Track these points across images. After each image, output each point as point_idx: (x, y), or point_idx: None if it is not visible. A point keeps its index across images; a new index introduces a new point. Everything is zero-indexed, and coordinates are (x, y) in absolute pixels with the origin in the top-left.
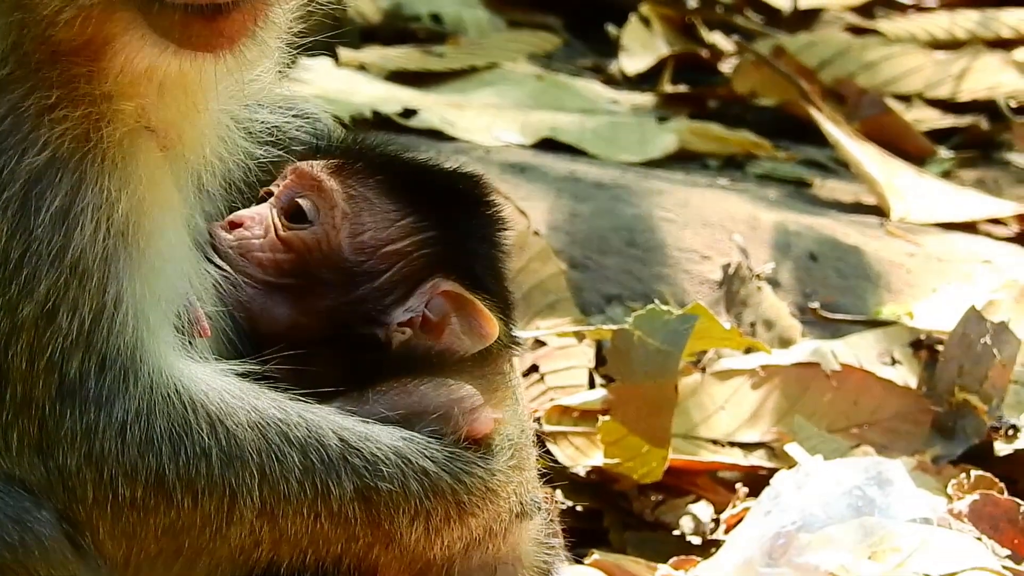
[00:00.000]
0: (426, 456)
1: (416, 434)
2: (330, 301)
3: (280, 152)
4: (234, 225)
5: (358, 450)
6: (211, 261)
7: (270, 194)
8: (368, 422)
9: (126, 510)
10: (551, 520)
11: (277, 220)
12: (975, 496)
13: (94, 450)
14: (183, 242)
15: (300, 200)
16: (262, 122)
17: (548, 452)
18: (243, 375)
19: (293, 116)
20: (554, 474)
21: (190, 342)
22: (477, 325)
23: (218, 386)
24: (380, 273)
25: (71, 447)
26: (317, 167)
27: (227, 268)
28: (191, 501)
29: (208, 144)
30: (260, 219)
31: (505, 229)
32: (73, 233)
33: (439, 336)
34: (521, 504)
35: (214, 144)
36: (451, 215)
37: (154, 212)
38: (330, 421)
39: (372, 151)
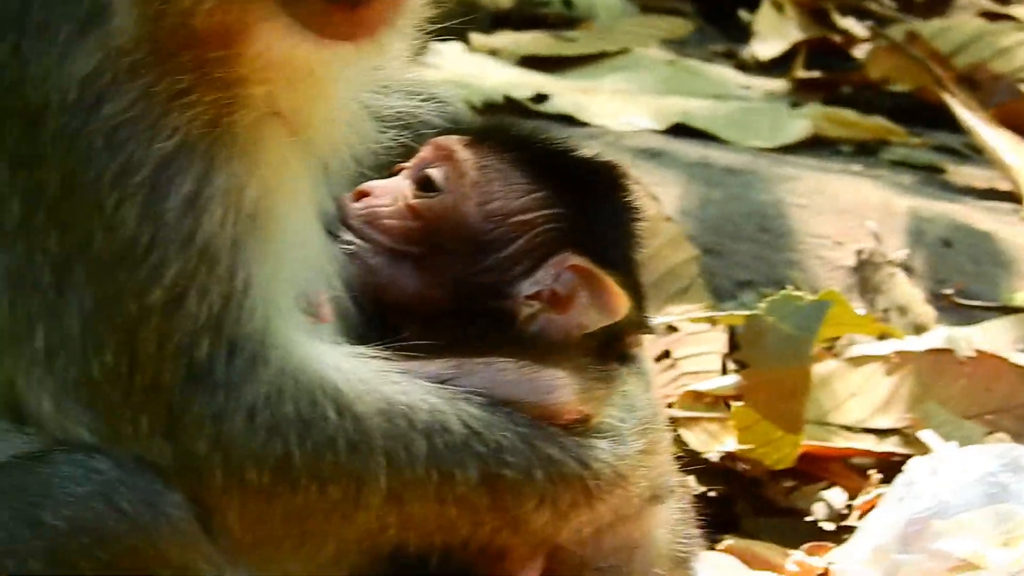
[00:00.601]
0: (551, 442)
1: (539, 421)
2: (457, 271)
3: (410, 136)
4: (362, 195)
5: (482, 436)
6: (336, 235)
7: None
8: (491, 407)
9: (253, 495)
10: (687, 508)
11: (407, 189)
12: None
13: (222, 435)
14: (311, 227)
15: (431, 169)
16: (392, 107)
17: (680, 438)
18: (367, 358)
19: (423, 101)
20: (687, 460)
21: (314, 327)
22: (606, 300)
23: (345, 369)
24: (508, 243)
25: (199, 432)
26: (452, 139)
27: (353, 239)
28: (318, 487)
29: (337, 130)
30: (390, 189)
31: (639, 217)
32: (202, 218)
33: (566, 310)
34: (653, 488)
35: (343, 130)
36: (584, 195)
37: (282, 197)
38: (455, 406)
39: (507, 129)
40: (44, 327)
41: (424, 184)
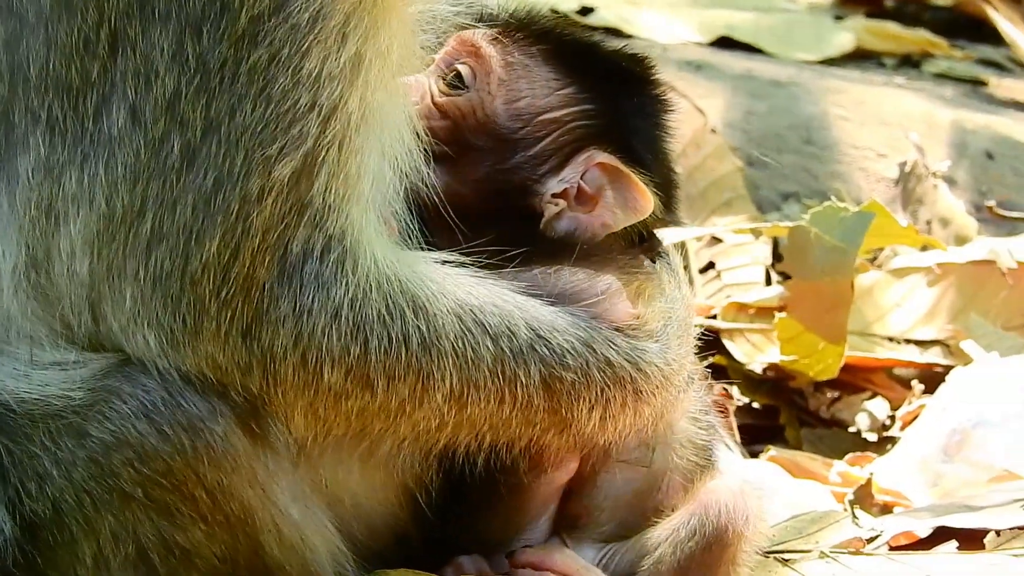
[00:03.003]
0: (610, 345)
1: (599, 323)
2: (485, 169)
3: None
4: None
5: (546, 340)
6: None
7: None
8: (555, 311)
9: (324, 393)
10: (708, 396)
11: (433, 87)
12: None
13: (304, 333)
14: (404, 127)
15: (458, 66)
16: (437, 12)
17: (725, 349)
18: (440, 263)
19: (466, 7)
20: (731, 371)
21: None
22: (631, 198)
23: (421, 272)
24: (535, 142)
25: (280, 329)
26: (477, 34)
27: None
28: (387, 384)
29: (413, 31)
30: (417, 86)
31: (668, 110)
32: (349, 90)
33: (593, 208)
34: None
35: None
36: (612, 89)
37: (398, 83)
38: (521, 308)
39: (535, 22)
40: (154, 215)
41: (451, 82)
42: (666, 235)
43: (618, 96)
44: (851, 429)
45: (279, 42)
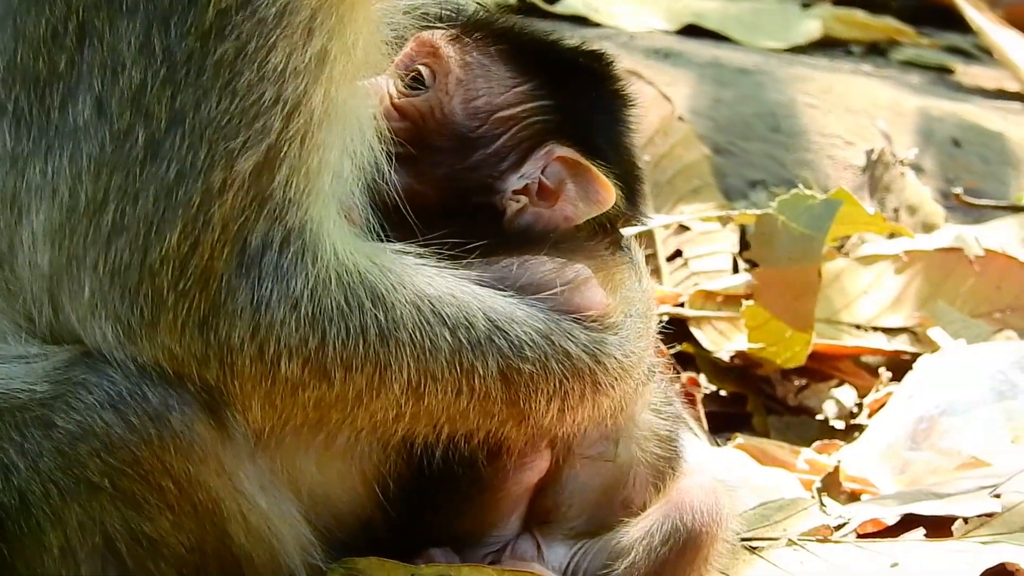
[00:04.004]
0: (568, 337)
1: (560, 315)
2: (445, 169)
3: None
4: None
5: (504, 331)
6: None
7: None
8: (515, 302)
9: (282, 385)
10: (671, 387)
11: (392, 88)
12: None
13: (262, 324)
14: (364, 123)
15: (417, 67)
16: (398, 10)
17: (692, 337)
18: (400, 253)
19: (429, 5)
20: (698, 359)
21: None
22: (593, 190)
23: (380, 263)
24: (494, 139)
25: (238, 321)
26: (436, 35)
27: None
28: (344, 376)
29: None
30: (376, 88)
31: (629, 104)
32: (314, 86)
33: (554, 203)
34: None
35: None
36: (569, 85)
37: (362, 79)
38: (480, 299)
39: (494, 22)
40: (115, 207)
41: (408, 82)
42: (629, 227)
43: (576, 91)
44: (818, 417)
45: (246, 36)
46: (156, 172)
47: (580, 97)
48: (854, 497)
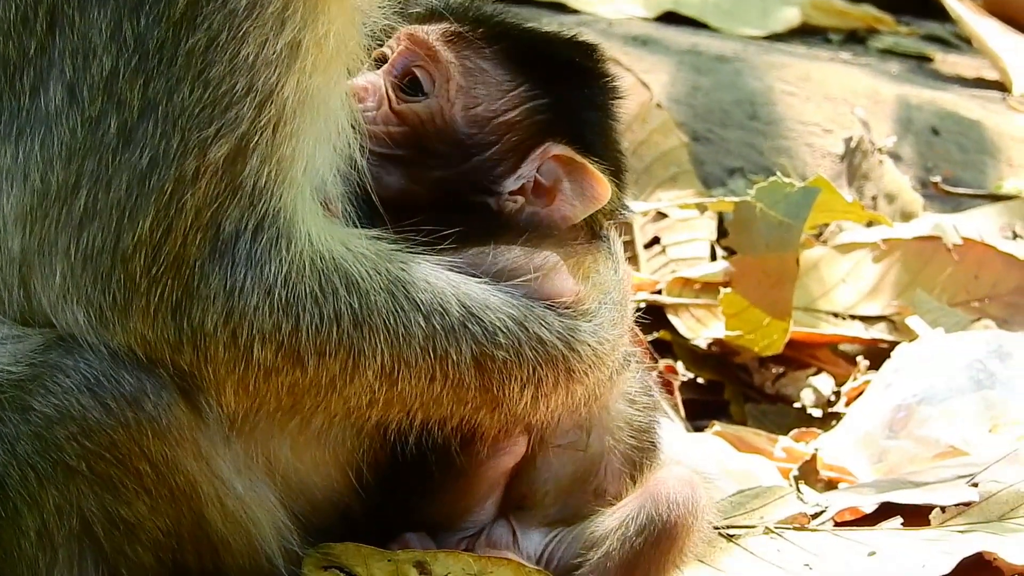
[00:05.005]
0: (542, 324)
1: (533, 302)
2: (441, 172)
3: (399, 19)
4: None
5: (478, 317)
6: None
7: (382, 58)
8: (488, 289)
9: (255, 370)
10: (647, 377)
11: (391, 92)
12: None
13: (235, 310)
14: (340, 112)
15: (415, 71)
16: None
17: (670, 324)
18: (375, 240)
19: None
20: (675, 346)
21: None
22: (589, 188)
23: (355, 249)
24: (492, 144)
25: (211, 306)
26: (432, 34)
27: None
28: (317, 361)
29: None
30: (373, 90)
31: (617, 97)
32: (286, 75)
33: (551, 201)
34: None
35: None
36: (564, 83)
37: (334, 72)
38: (454, 286)
39: (488, 18)
40: (87, 192)
41: (408, 87)
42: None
43: (570, 90)
44: (796, 405)
45: (217, 27)
46: (129, 159)
47: (574, 94)
48: (831, 485)
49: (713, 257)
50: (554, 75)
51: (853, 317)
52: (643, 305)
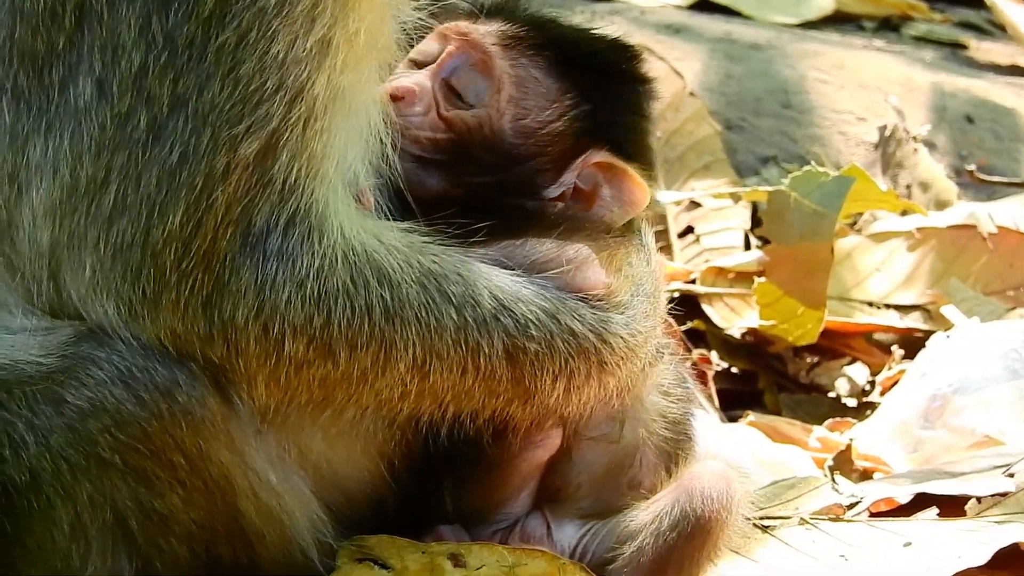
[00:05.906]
0: (574, 316)
1: (565, 294)
2: (483, 178)
3: (433, 12)
4: (394, 98)
5: (510, 310)
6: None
7: (427, 55)
8: (520, 281)
9: (285, 363)
10: (681, 369)
11: (440, 98)
12: None
13: (266, 304)
14: (371, 108)
15: (466, 77)
16: None
17: (704, 314)
18: (407, 232)
19: None
20: (709, 335)
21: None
22: (628, 193)
23: (387, 242)
24: (536, 155)
25: (242, 300)
26: (487, 37)
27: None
28: (349, 354)
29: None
30: (422, 93)
31: (655, 101)
32: (317, 72)
33: (589, 207)
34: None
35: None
36: (607, 88)
37: (365, 68)
38: (486, 278)
39: (539, 21)
40: (118, 186)
41: (458, 94)
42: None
43: (613, 95)
44: (830, 394)
45: (246, 25)
46: (159, 154)
47: (615, 100)
48: (866, 475)
49: (747, 246)
50: (598, 81)
51: (888, 306)
52: (677, 295)
